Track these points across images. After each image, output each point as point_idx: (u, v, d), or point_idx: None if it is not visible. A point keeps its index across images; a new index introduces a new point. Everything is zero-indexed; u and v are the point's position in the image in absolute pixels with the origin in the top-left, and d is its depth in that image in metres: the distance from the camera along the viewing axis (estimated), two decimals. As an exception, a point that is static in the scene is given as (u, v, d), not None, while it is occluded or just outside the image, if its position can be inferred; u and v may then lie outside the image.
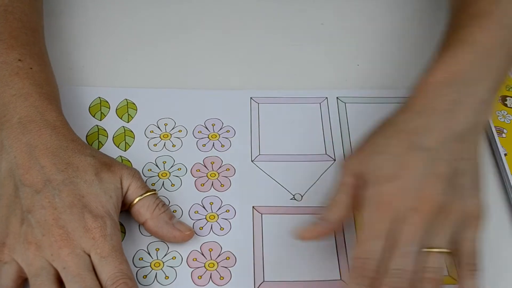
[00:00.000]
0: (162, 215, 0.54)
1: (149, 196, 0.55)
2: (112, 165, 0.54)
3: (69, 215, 0.50)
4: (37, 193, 0.51)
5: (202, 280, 0.53)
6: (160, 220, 0.54)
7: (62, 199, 0.51)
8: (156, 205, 0.54)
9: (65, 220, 0.50)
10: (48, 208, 0.50)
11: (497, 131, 0.63)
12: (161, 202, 0.55)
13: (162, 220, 0.54)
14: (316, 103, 0.66)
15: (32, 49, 0.59)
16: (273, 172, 0.60)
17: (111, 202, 0.52)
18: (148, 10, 0.74)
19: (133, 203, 0.54)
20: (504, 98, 0.66)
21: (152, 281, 0.53)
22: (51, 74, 0.61)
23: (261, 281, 0.53)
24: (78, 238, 0.50)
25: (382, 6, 0.76)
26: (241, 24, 0.74)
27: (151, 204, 0.54)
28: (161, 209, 0.54)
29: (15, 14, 0.60)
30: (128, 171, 0.55)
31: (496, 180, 0.61)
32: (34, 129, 0.54)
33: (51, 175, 0.52)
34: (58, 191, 0.51)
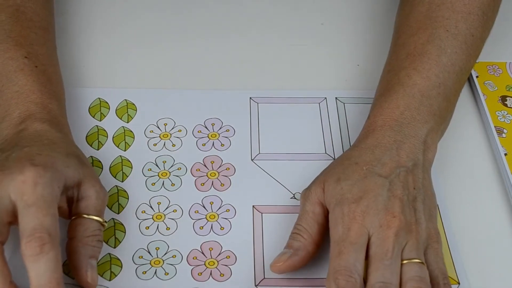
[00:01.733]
0: (89, 247, 0.50)
1: (96, 222, 0.51)
2: (88, 175, 0.52)
3: (12, 162, 0.49)
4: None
5: (202, 276, 0.53)
6: (82, 248, 0.50)
7: (19, 155, 0.49)
8: (93, 235, 0.51)
9: (4, 166, 0.49)
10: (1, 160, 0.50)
11: (497, 131, 0.63)
12: (100, 236, 0.52)
13: (84, 250, 0.50)
14: (315, 103, 0.66)
15: (40, 49, 0.60)
16: (273, 171, 0.60)
17: (65, 169, 0.50)
18: (148, 11, 0.75)
19: (79, 214, 0.51)
20: (504, 98, 0.66)
21: (152, 276, 0.53)
22: (57, 73, 0.61)
23: (261, 278, 0.53)
24: (8, 180, 0.47)
25: (382, 6, 0.76)
26: (241, 24, 0.74)
27: (89, 228, 0.51)
28: (94, 242, 0.51)
29: (27, 14, 0.61)
30: (98, 186, 0.53)
31: (496, 180, 0.61)
32: (29, 121, 0.54)
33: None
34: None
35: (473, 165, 0.62)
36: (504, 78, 0.68)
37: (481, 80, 0.68)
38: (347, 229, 0.49)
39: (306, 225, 0.52)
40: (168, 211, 0.57)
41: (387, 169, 0.52)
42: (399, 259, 0.49)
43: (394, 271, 0.48)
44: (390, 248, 0.48)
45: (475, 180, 0.61)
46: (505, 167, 0.60)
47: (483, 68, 0.69)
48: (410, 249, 0.49)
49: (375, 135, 0.55)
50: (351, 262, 0.48)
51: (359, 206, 0.50)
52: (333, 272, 0.48)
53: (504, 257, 0.56)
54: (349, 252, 0.48)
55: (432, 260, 0.51)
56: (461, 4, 0.60)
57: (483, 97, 0.66)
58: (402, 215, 0.50)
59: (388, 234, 0.49)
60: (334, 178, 0.53)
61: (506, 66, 0.70)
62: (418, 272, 0.48)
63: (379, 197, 0.50)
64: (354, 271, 0.47)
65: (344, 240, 0.49)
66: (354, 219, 0.49)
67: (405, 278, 0.48)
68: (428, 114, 0.56)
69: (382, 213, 0.49)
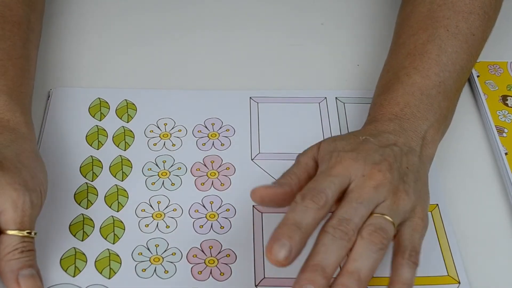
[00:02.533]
0: (13, 262, 0.49)
1: (14, 236, 0.49)
2: (3, 185, 0.49)
3: None
4: None
5: (202, 275, 0.53)
6: (6, 265, 0.49)
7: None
8: (14, 249, 0.49)
9: None
10: None
11: (497, 130, 0.63)
12: (24, 247, 0.49)
13: (8, 266, 0.49)
14: (315, 103, 0.66)
15: (1, 44, 0.59)
16: (273, 171, 0.60)
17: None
18: (148, 11, 0.75)
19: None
20: (505, 97, 0.66)
21: (151, 274, 0.53)
22: (16, 66, 0.59)
23: (261, 278, 0.53)
24: None
25: (382, 6, 0.76)
26: (241, 24, 0.74)
27: (9, 245, 0.49)
28: (16, 255, 0.49)
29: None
30: (14, 195, 0.49)
31: (496, 180, 0.61)
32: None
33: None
34: None
35: (473, 165, 0.62)
36: (505, 77, 0.68)
37: (482, 80, 0.68)
38: (330, 167, 0.49)
39: (297, 170, 0.51)
40: (167, 210, 0.57)
41: (383, 142, 0.52)
42: (368, 208, 0.47)
43: (358, 213, 0.47)
44: (363, 196, 0.47)
45: (475, 180, 0.61)
46: (505, 166, 0.60)
47: (484, 68, 0.69)
48: (385, 207, 0.48)
49: (375, 124, 0.55)
50: (322, 186, 0.47)
51: (347, 154, 0.49)
52: (301, 192, 0.47)
53: (504, 257, 0.56)
54: (323, 179, 0.48)
55: (407, 233, 0.49)
56: (462, 4, 0.60)
57: (484, 97, 0.66)
58: (389, 173, 0.49)
59: (368, 184, 0.48)
60: (330, 139, 0.53)
61: (507, 66, 0.70)
62: (381, 223, 0.47)
63: (370, 155, 0.50)
64: (323, 193, 0.47)
65: (323, 173, 0.49)
66: (339, 162, 0.49)
67: (365, 224, 0.47)
68: (428, 112, 0.56)
69: (368, 165, 0.49)
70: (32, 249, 0.50)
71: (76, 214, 0.57)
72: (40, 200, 0.52)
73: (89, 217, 0.56)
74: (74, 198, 0.58)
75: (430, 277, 0.54)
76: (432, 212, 0.58)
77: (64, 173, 0.59)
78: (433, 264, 0.55)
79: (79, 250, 0.54)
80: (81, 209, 0.57)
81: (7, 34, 0.60)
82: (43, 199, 0.53)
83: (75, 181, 0.59)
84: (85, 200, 0.58)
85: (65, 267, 0.53)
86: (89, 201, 0.57)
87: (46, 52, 0.69)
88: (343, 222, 0.46)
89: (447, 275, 0.54)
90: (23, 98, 0.58)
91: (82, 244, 0.55)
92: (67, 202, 0.57)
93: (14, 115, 0.56)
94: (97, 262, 0.54)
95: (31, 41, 0.62)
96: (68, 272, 0.53)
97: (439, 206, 0.58)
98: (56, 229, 0.55)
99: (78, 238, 0.55)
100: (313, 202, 0.46)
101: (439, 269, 0.54)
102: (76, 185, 0.58)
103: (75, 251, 0.54)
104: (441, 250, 0.55)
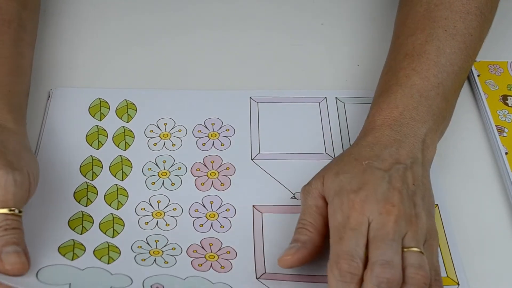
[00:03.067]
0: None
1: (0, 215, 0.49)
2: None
3: None
4: None
5: (203, 267, 0.53)
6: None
7: None
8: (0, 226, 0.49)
9: None
10: None
11: (498, 130, 0.63)
12: (8, 225, 0.49)
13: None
14: (315, 103, 0.66)
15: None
16: (273, 171, 0.60)
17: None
18: (148, 10, 0.75)
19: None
20: (505, 97, 0.66)
21: (151, 263, 0.53)
22: (2, 66, 0.58)
23: (262, 272, 0.53)
24: None
25: (382, 6, 0.76)
26: (240, 24, 0.74)
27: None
28: (0, 233, 0.49)
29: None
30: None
31: (496, 179, 0.61)
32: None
33: None
34: None
35: (473, 165, 0.62)
36: (505, 77, 0.68)
37: (482, 79, 0.68)
38: (346, 217, 0.49)
39: (311, 219, 0.52)
40: (167, 209, 0.57)
41: (386, 164, 0.52)
42: (400, 243, 0.48)
43: (396, 251, 0.48)
44: (390, 231, 0.48)
45: (475, 180, 0.61)
46: (505, 166, 0.60)
47: (484, 67, 0.69)
48: (410, 239, 0.49)
49: (374, 134, 0.55)
50: (352, 247, 0.48)
51: (358, 196, 0.50)
52: (335, 257, 0.48)
53: (504, 257, 0.56)
54: (349, 237, 0.48)
55: (427, 256, 0.50)
56: (459, 4, 0.60)
57: (484, 96, 0.66)
58: (402, 206, 0.49)
59: (388, 219, 0.48)
60: (333, 171, 0.53)
61: (507, 66, 0.70)
62: (419, 260, 0.48)
63: (379, 188, 0.50)
64: (356, 255, 0.47)
65: (344, 227, 0.49)
66: (353, 208, 0.49)
67: (405, 264, 0.48)
68: (427, 114, 0.56)
69: (381, 202, 0.49)
70: (17, 227, 0.50)
71: (75, 211, 0.56)
72: (27, 179, 0.51)
73: (88, 214, 0.56)
74: (73, 197, 0.57)
75: (430, 277, 0.54)
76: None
77: (64, 173, 0.59)
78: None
79: (77, 241, 0.54)
80: (81, 207, 0.57)
81: None
82: (31, 181, 0.52)
83: (75, 181, 0.59)
84: (84, 198, 0.57)
85: (63, 253, 0.53)
86: (88, 199, 0.57)
87: (46, 52, 0.69)
88: (386, 269, 0.47)
89: (446, 276, 0.54)
90: (12, 96, 0.57)
91: (81, 237, 0.55)
92: (66, 201, 0.57)
93: (1, 113, 0.55)
94: (96, 251, 0.53)
95: (23, 39, 0.62)
96: (66, 257, 0.52)
97: (439, 206, 0.58)
98: (54, 224, 0.55)
99: (77, 232, 0.55)
100: (350, 274, 0.47)
101: (439, 269, 0.55)
102: (76, 184, 0.58)
103: (74, 242, 0.54)
104: (441, 251, 0.55)
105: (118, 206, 0.57)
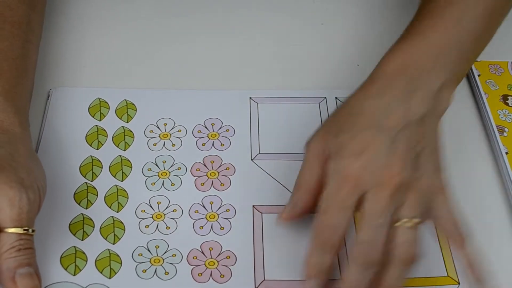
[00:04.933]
0: (10, 260, 0.49)
1: (11, 234, 0.49)
2: (2, 175, 0.50)
3: None
4: None
5: (203, 277, 0.53)
6: (3, 264, 0.49)
7: None
8: (12, 247, 0.49)
9: None
10: None
11: (498, 130, 0.63)
12: (22, 245, 0.49)
13: (6, 265, 0.49)
14: (315, 103, 0.66)
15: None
16: (273, 171, 0.60)
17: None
18: (148, 11, 0.74)
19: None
20: (505, 97, 0.66)
21: (152, 275, 0.53)
22: (11, 67, 0.59)
23: (261, 280, 0.53)
24: None
25: (382, 6, 0.76)
26: (240, 24, 0.74)
27: (6, 243, 0.49)
28: (13, 254, 0.49)
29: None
30: (10, 193, 0.49)
31: (496, 179, 0.61)
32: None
33: None
34: None
35: (473, 164, 0.62)
36: (505, 77, 0.69)
37: (482, 79, 0.68)
38: (337, 188, 0.49)
39: (307, 176, 0.53)
40: (168, 211, 0.57)
41: (391, 121, 0.51)
42: (388, 219, 0.48)
43: (381, 233, 0.48)
44: (381, 210, 0.48)
45: (475, 179, 0.61)
46: (506, 165, 0.60)
47: (485, 67, 0.69)
48: (408, 208, 0.49)
49: (383, 82, 0.53)
50: (334, 222, 0.49)
51: (357, 161, 0.49)
52: (317, 227, 0.50)
53: (504, 257, 0.56)
54: (333, 212, 0.49)
55: (440, 213, 0.50)
56: None
57: (484, 96, 0.66)
58: (403, 173, 0.49)
59: (384, 195, 0.48)
60: (334, 129, 0.52)
61: (508, 66, 0.70)
62: (407, 237, 0.48)
63: (380, 153, 0.49)
64: (336, 230, 0.49)
65: (332, 198, 0.49)
66: (347, 178, 0.49)
67: (394, 241, 0.48)
68: (444, 69, 0.54)
69: (380, 170, 0.49)
70: (30, 247, 0.50)
71: (76, 213, 0.57)
72: (38, 196, 0.52)
73: (89, 217, 0.56)
74: (73, 198, 0.58)
75: (430, 278, 0.54)
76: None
77: (63, 173, 0.59)
78: (433, 265, 0.55)
79: (79, 249, 0.55)
80: (81, 209, 0.57)
81: (6, 34, 0.60)
82: (41, 196, 0.53)
83: (74, 181, 0.59)
84: (84, 200, 0.58)
85: (65, 266, 0.53)
86: (89, 201, 0.57)
87: (46, 52, 0.69)
88: (366, 250, 0.48)
89: (447, 275, 0.54)
90: (18, 99, 0.58)
91: (82, 243, 0.55)
92: (66, 202, 0.57)
93: (8, 116, 0.55)
94: (97, 262, 0.54)
95: (31, 41, 0.62)
96: (68, 270, 0.53)
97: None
98: (56, 228, 0.55)
99: (78, 237, 0.55)
100: (330, 246, 0.49)
101: (439, 269, 0.55)
102: (76, 185, 0.58)
103: (75, 250, 0.54)
104: (441, 251, 0.55)
105: (119, 208, 0.57)
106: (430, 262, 0.55)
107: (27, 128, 0.57)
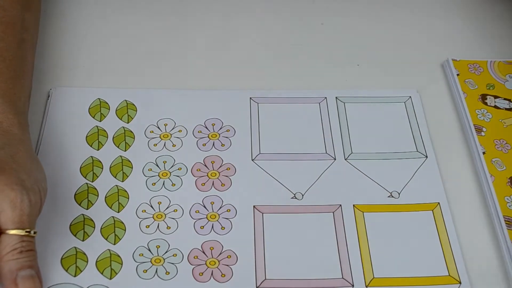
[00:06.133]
0: (12, 262, 0.49)
1: (13, 236, 0.49)
2: (3, 177, 0.50)
3: None
4: None
5: (204, 277, 0.53)
6: (5, 266, 0.49)
7: None
8: (13, 249, 0.49)
9: None
10: None
11: (476, 129, 0.63)
12: (23, 247, 0.50)
13: (7, 267, 0.49)
14: (315, 103, 0.66)
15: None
16: (274, 171, 0.60)
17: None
18: (148, 10, 0.74)
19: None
20: (484, 96, 0.66)
21: (153, 275, 0.53)
22: (8, 68, 0.58)
23: (263, 279, 0.53)
24: None
25: (382, 6, 0.76)
26: (240, 24, 0.74)
27: (8, 245, 0.49)
28: (15, 256, 0.49)
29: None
30: (12, 195, 0.49)
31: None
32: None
33: None
34: None
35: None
36: (484, 76, 0.68)
37: (461, 78, 0.67)
38: None
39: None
40: (168, 211, 0.57)
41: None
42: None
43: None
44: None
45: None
46: (482, 165, 0.60)
47: (464, 67, 0.69)
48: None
49: None
50: None
51: None
52: None
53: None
54: None
55: None
56: None
57: (463, 95, 0.66)
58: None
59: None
60: None
61: (487, 65, 0.69)
62: None
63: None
64: None
65: None
66: None
67: None
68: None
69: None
70: (32, 249, 0.50)
71: (77, 214, 0.57)
72: (39, 198, 0.52)
73: (90, 217, 0.56)
74: (74, 199, 0.58)
75: (431, 277, 0.54)
76: (434, 211, 0.58)
77: (64, 174, 0.59)
78: (434, 264, 0.55)
79: (80, 249, 0.55)
80: (82, 210, 0.57)
81: (0, 36, 0.59)
82: (42, 197, 0.53)
83: (75, 182, 0.59)
84: (85, 200, 0.58)
85: (66, 267, 0.53)
86: (89, 202, 0.57)
87: (46, 52, 0.69)
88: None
89: (448, 275, 0.54)
90: (17, 99, 0.58)
91: (83, 244, 0.55)
92: (67, 203, 0.57)
93: (7, 117, 0.55)
94: (98, 262, 0.54)
95: (26, 41, 0.62)
96: (69, 271, 0.53)
97: (440, 204, 0.58)
98: (56, 229, 0.56)
99: (78, 238, 0.55)
100: None
101: (440, 269, 0.55)
102: (77, 185, 0.58)
103: (76, 251, 0.54)
104: (442, 250, 0.55)
105: (119, 208, 0.57)
106: (431, 261, 0.55)
107: (26, 129, 0.57)
